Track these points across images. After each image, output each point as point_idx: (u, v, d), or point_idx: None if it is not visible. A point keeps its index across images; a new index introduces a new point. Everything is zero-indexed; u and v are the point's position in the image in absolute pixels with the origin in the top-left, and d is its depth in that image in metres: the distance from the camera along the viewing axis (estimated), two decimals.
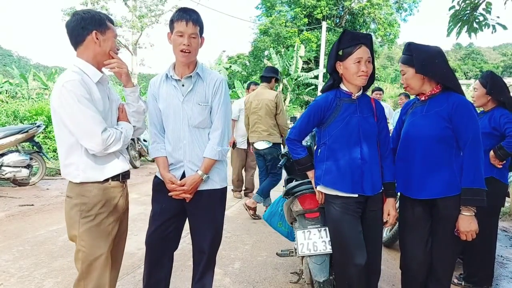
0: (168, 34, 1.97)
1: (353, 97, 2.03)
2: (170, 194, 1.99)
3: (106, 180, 1.76)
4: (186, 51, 1.89)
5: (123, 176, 1.85)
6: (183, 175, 2.02)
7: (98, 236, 1.73)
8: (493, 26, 3.91)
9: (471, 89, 2.94)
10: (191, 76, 1.99)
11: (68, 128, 1.66)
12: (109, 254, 1.76)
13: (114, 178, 1.79)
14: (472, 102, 2.84)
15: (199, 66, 2.02)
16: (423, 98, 2.06)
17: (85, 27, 1.69)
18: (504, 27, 3.90)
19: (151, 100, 2.05)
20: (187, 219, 2.14)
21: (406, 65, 2.04)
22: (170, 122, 2.01)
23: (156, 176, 2.12)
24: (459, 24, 3.99)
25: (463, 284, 2.92)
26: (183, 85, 2.00)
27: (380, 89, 6.22)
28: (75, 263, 1.77)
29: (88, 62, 1.73)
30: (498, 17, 3.90)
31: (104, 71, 1.83)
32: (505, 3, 3.97)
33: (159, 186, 2.07)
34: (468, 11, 3.94)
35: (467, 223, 1.87)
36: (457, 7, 4.00)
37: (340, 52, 1.98)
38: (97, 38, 1.71)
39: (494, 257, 2.94)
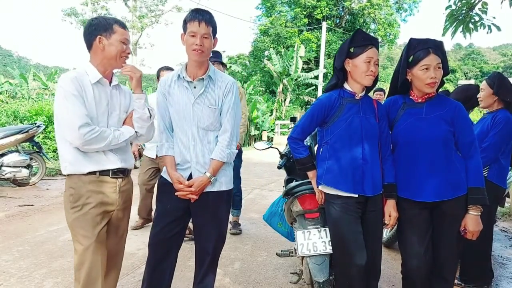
0: (182, 35, 1.97)
1: (356, 97, 2.03)
2: (176, 194, 1.99)
3: (92, 173, 1.80)
4: (199, 50, 1.90)
5: (115, 173, 1.87)
6: (190, 177, 2.02)
7: (85, 225, 1.77)
8: (489, 27, 3.91)
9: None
10: (203, 78, 1.99)
11: (56, 122, 1.77)
12: (98, 245, 1.79)
13: (103, 173, 1.83)
14: (479, 102, 2.84)
15: (211, 69, 2.03)
16: (420, 100, 2.05)
17: (91, 33, 1.79)
18: (498, 28, 3.90)
19: (161, 99, 2.05)
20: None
21: (440, 62, 1.96)
22: (179, 122, 2.02)
23: (161, 176, 2.12)
24: (454, 24, 3.99)
25: (463, 285, 2.92)
26: (195, 87, 2.00)
27: (381, 90, 6.23)
28: (74, 255, 1.83)
29: (95, 66, 1.81)
30: (494, 17, 3.90)
31: (116, 78, 1.94)
32: (501, 2, 3.97)
33: (164, 186, 2.07)
34: (464, 11, 3.94)
35: (476, 223, 1.94)
36: (453, 7, 4.00)
37: (352, 50, 1.99)
38: (100, 42, 1.78)
39: (490, 257, 2.94)
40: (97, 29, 1.78)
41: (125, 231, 2.05)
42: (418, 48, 1.99)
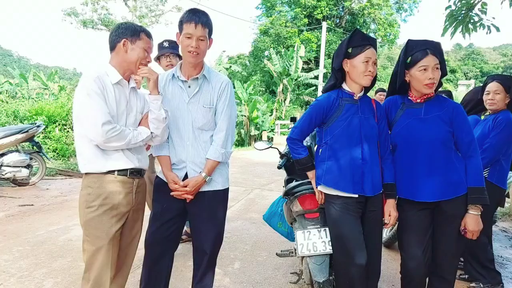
0: (177, 34, 1.97)
1: (355, 98, 2.03)
2: (172, 194, 2.00)
3: (110, 172, 1.82)
4: (194, 52, 1.90)
5: (132, 173, 1.89)
6: (186, 176, 2.02)
7: (99, 226, 1.78)
8: (488, 27, 3.92)
9: (485, 92, 2.81)
10: (197, 78, 1.99)
11: (77, 119, 1.79)
12: (110, 247, 1.80)
13: (121, 172, 1.84)
14: (488, 104, 2.75)
15: (206, 68, 2.03)
16: (419, 100, 2.06)
17: (118, 35, 1.84)
18: (498, 29, 3.91)
19: None
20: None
21: (438, 63, 1.97)
22: (174, 122, 2.02)
23: (157, 176, 2.12)
24: (454, 24, 4.00)
25: (467, 277, 3.01)
26: (189, 87, 2.01)
27: (383, 90, 6.21)
28: (82, 255, 1.84)
29: (114, 67, 1.86)
30: (493, 18, 3.91)
31: (133, 81, 1.96)
32: (501, 3, 3.98)
33: (160, 186, 2.07)
34: (463, 11, 3.95)
35: (476, 222, 1.94)
36: (453, 7, 4.01)
37: (350, 50, 1.99)
38: (124, 45, 1.83)
39: (488, 256, 2.94)
40: (124, 33, 1.83)
41: (139, 232, 2.05)
42: (416, 49, 1.99)
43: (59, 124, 9.18)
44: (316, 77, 21.56)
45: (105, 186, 1.80)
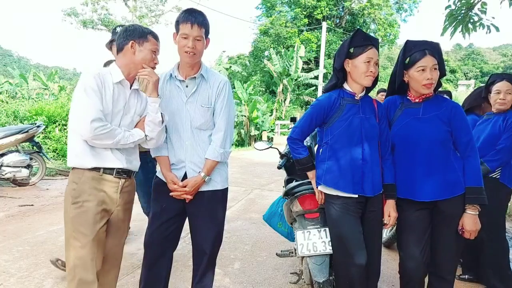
0: (174, 34, 1.98)
1: (356, 98, 2.03)
2: (171, 194, 2.00)
3: (96, 169, 1.81)
4: (191, 52, 1.90)
5: (118, 172, 1.88)
6: (185, 176, 2.02)
7: (84, 222, 1.78)
8: (488, 27, 3.92)
9: (494, 92, 2.74)
10: (195, 77, 1.99)
11: (71, 113, 1.81)
12: (95, 244, 1.79)
13: (107, 171, 1.84)
14: (498, 104, 2.69)
15: (203, 68, 2.03)
16: (417, 100, 2.06)
17: (126, 37, 1.87)
18: (497, 29, 3.91)
19: None
20: (186, 219, 2.14)
21: (436, 63, 1.98)
22: (172, 122, 2.02)
23: (156, 176, 2.12)
24: (454, 24, 4.00)
25: (466, 277, 3.02)
26: (187, 86, 2.01)
27: (385, 90, 6.20)
28: (65, 251, 1.82)
29: (120, 67, 1.88)
30: (493, 17, 3.91)
31: (137, 83, 1.98)
32: (501, 2, 3.98)
33: (160, 186, 2.07)
34: (463, 11, 3.94)
35: (473, 222, 1.94)
36: (453, 7, 4.01)
37: (351, 50, 1.98)
38: (132, 47, 1.86)
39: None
40: (131, 35, 1.86)
41: (125, 232, 2.06)
42: (415, 50, 1.99)
43: (59, 124, 9.18)
44: (316, 77, 21.56)
45: (89, 183, 1.80)
